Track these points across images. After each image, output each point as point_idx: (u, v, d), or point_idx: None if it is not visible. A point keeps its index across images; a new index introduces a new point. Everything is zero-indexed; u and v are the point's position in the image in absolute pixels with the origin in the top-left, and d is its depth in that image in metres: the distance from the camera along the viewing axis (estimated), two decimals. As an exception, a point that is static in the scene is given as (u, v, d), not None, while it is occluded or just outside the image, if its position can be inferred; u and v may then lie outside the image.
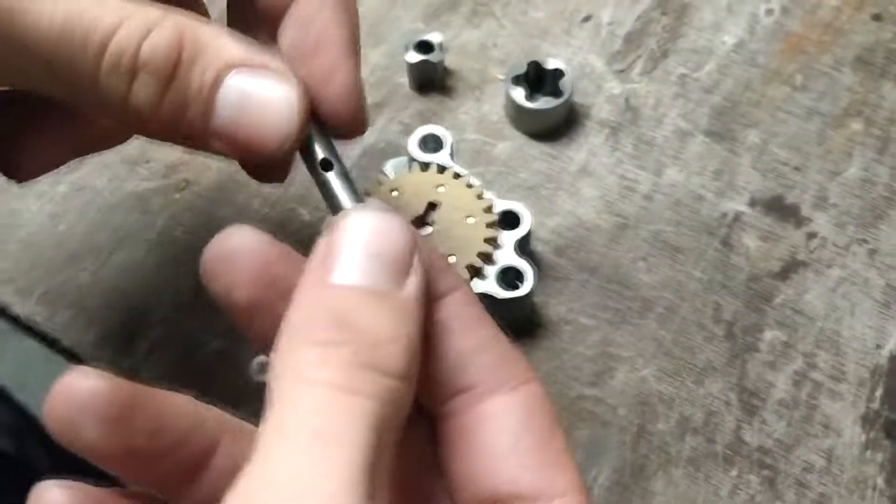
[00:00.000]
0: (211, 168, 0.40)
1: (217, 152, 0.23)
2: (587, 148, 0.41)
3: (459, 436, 0.20)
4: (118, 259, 0.39)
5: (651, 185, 0.40)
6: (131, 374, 0.36)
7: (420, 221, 0.34)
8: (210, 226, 0.39)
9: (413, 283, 0.19)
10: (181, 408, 0.20)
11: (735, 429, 0.34)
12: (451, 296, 0.21)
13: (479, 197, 0.34)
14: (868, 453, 0.34)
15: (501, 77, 0.43)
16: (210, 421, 0.20)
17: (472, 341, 0.20)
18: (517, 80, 0.40)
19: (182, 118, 0.21)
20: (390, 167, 0.38)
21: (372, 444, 0.16)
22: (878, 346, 0.36)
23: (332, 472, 0.16)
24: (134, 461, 0.19)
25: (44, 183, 0.40)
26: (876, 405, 0.35)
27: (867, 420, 0.35)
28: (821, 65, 0.43)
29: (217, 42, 0.22)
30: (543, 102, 0.40)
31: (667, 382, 0.35)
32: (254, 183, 0.39)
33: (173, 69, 0.21)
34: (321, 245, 0.19)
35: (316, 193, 0.36)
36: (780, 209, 0.39)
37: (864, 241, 0.38)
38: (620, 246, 0.38)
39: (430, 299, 0.20)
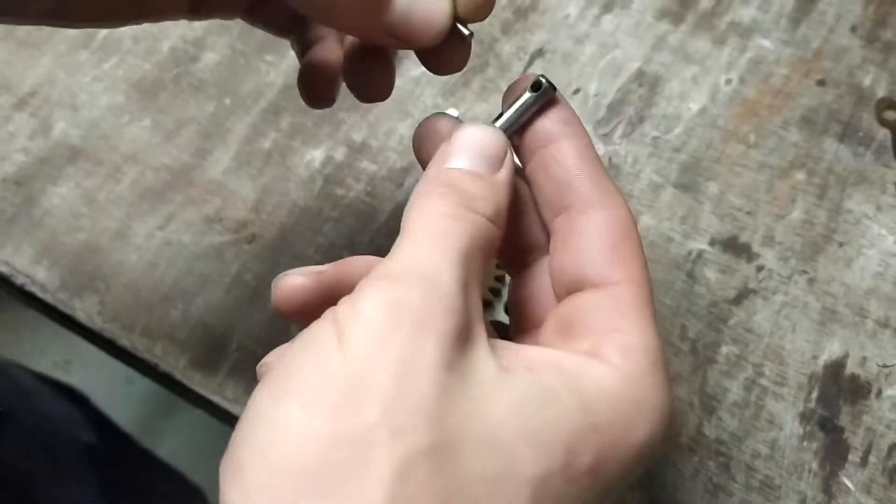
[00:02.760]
0: (274, 224, 0.50)
1: (383, 43, 0.31)
2: (577, 200, 0.50)
3: (557, 241, 0.28)
4: (202, 299, 0.48)
5: (630, 230, 0.49)
6: (219, 390, 0.45)
7: None
8: (274, 271, 0.48)
9: (503, 173, 0.27)
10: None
11: (697, 425, 0.43)
12: (570, 140, 0.28)
13: None
14: (805, 443, 0.42)
15: (507, 142, 0.52)
16: None
17: (576, 172, 0.28)
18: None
19: (366, 14, 0.28)
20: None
21: (466, 247, 0.25)
22: (815, 357, 0.44)
23: (441, 252, 0.24)
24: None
25: (141, 237, 0.50)
26: (812, 405, 0.43)
27: (804, 417, 0.43)
28: (771, 125, 0.52)
29: None
30: (540, 164, 0.49)
31: (642, 389, 0.44)
32: (308, 237, 0.48)
33: None
34: (442, 146, 0.28)
35: (361, 244, 0.46)
36: (735, 247, 0.48)
37: (805, 272, 0.47)
38: (605, 280, 0.47)
39: (553, 139, 0.28)
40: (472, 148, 0.27)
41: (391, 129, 0.53)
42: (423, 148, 0.30)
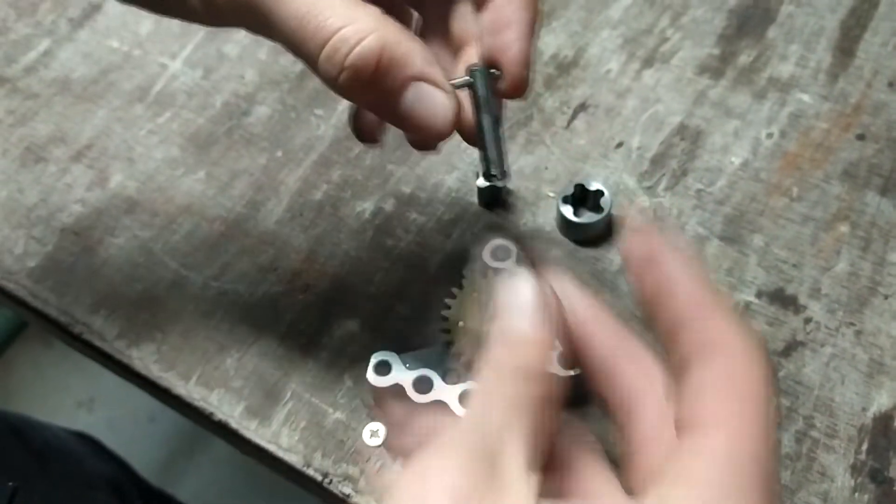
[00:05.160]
0: (327, 274, 0.51)
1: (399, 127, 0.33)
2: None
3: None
4: (256, 348, 0.49)
5: (676, 281, 0.49)
6: (273, 439, 0.46)
7: None
8: (327, 321, 0.49)
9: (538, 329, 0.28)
10: None
11: (750, 477, 0.43)
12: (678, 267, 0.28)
13: None
14: (856, 495, 0.43)
15: (552, 195, 0.53)
16: None
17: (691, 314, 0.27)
18: (566, 200, 0.51)
19: (373, 104, 0.31)
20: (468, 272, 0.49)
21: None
22: (864, 409, 0.45)
23: None
24: None
25: (196, 287, 0.51)
26: (863, 456, 0.44)
27: (856, 468, 0.43)
28: (813, 178, 0.53)
29: (407, 59, 0.29)
30: (588, 217, 0.50)
31: (694, 441, 0.44)
32: (359, 286, 0.50)
33: (372, 75, 0.29)
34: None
35: (411, 294, 0.47)
36: (782, 299, 0.48)
37: (852, 324, 0.48)
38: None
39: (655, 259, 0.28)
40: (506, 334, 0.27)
41: (439, 182, 0.54)
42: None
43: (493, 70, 0.33)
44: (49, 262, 0.53)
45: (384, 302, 0.50)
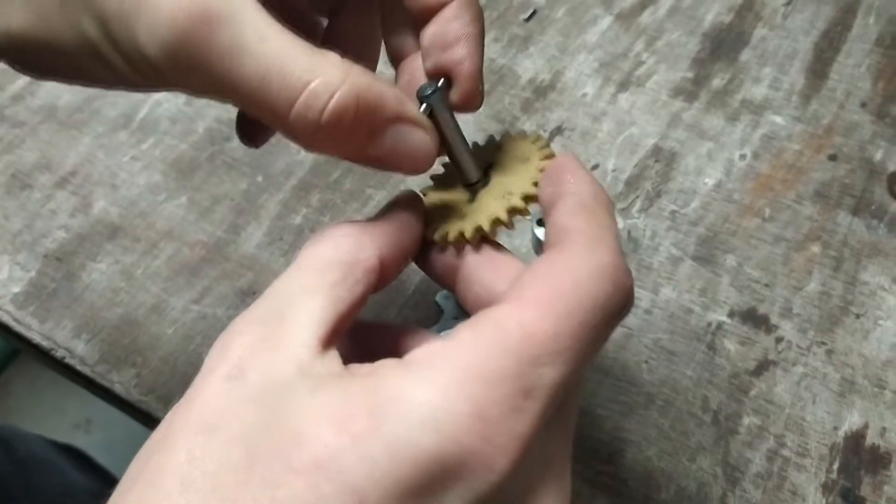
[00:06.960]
0: (304, 298, 0.52)
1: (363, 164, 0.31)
2: (598, 273, 0.51)
3: None
4: (235, 371, 0.50)
5: (650, 302, 0.50)
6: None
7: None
8: (305, 343, 0.50)
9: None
10: None
11: (721, 496, 0.44)
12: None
13: (534, 142, 0.34)
14: (828, 514, 0.43)
15: (528, 217, 0.54)
16: None
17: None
18: (541, 222, 0.51)
19: (349, 152, 0.29)
20: (441, 297, 0.49)
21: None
22: (835, 428, 0.45)
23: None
24: None
25: (177, 311, 0.52)
26: (834, 475, 0.44)
27: (827, 487, 0.44)
28: (785, 199, 0.53)
29: (381, 102, 0.28)
30: (562, 239, 0.51)
31: (666, 460, 0.45)
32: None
33: (348, 127, 0.27)
34: None
35: (388, 316, 0.48)
36: (754, 319, 0.49)
37: (823, 343, 0.48)
38: (627, 351, 0.49)
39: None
40: None
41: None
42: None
43: (442, 82, 0.32)
44: (32, 288, 0.53)
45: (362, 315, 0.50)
